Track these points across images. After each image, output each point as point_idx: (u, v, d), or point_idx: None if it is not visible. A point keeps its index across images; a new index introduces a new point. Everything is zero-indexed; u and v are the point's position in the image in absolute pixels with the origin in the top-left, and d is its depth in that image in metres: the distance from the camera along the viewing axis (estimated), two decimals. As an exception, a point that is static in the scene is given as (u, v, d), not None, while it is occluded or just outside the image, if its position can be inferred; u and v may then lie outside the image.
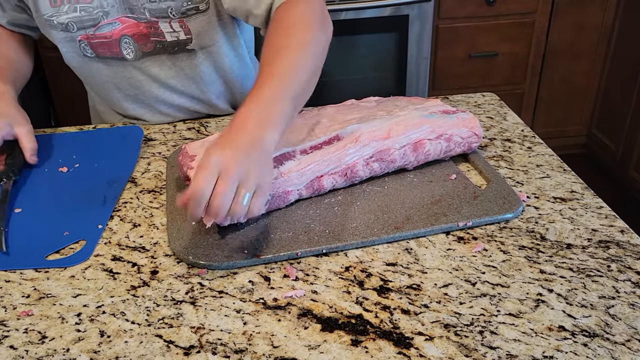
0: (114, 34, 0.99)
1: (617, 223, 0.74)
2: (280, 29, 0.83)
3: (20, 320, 0.63)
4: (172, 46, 1.01)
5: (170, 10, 0.96)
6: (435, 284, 0.65)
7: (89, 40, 1.00)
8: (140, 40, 1.00)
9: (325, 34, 0.86)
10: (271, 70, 0.76)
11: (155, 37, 1.00)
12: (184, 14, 0.97)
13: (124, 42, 0.99)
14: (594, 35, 2.33)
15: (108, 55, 1.02)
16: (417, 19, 2.18)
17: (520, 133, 0.97)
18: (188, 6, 0.97)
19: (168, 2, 0.96)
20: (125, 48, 1.00)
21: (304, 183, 0.78)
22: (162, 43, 1.00)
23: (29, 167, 0.91)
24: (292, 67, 0.77)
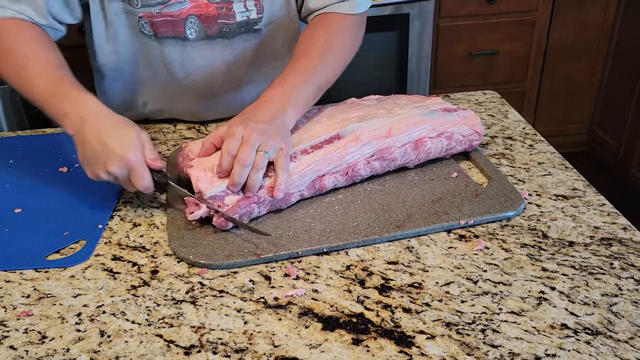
0: (182, 13, 0.94)
1: (620, 220, 0.74)
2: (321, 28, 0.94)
3: (20, 320, 0.62)
4: (239, 27, 0.98)
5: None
6: (436, 283, 0.65)
7: (151, 18, 0.94)
8: (206, 22, 0.95)
9: (356, 42, 1.00)
10: (301, 61, 0.88)
11: (223, 19, 0.96)
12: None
13: (189, 22, 0.95)
14: (595, 33, 2.33)
15: (169, 35, 0.96)
16: (417, 17, 2.18)
17: (522, 131, 0.97)
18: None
19: None
20: (189, 28, 0.96)
21: (305, 184, 0.78)
22: (229, 26, 0.96)
23: (29, 167, 0.91)
24: (319, 63, 0.88)
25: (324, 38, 0.92)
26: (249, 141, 0.74)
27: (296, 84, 0.84)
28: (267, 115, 0.78)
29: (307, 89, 0.85)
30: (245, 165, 0.73)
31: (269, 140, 0.75)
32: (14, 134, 1.04)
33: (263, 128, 0.76)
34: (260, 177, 0.74)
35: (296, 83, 0.84)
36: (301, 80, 0.85)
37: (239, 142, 0.75)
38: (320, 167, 0.78)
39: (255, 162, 0.74)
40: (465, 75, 2.35)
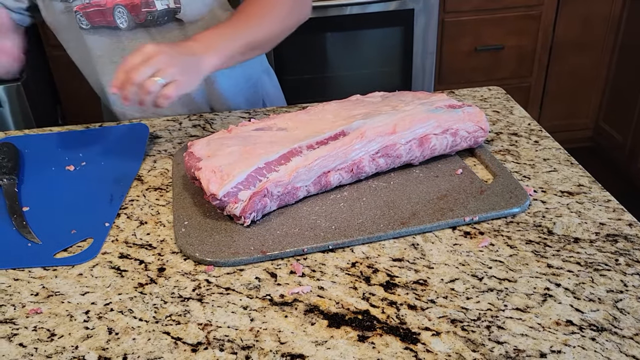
0: (108, 2, 1.00)
1: (625, 216, 0.74)
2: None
3: (29, 318, 0.63)
4: (161, 15, 1.02)
5: None
6: (441, 279, 0.65)
7: (84, 10, 1.01)
8: (133, 11, 1.01)
9: (297, 16, 1.02)
10: (237, 16, 0.93)
11: (146, 7, 1.00)
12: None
13: (117, 12, 1.00)
14: (601, 27, 2.32)
15: (103, 24, 1.02)
16: (422, 13, 2.17)
17: (527, 127, 0.97)
18: None
19: None
20: (119, 17, 1.01)
21: (312, 179, 0.78)
22: (152, 14, 1.01)
23: (36, 166, 0.92)
24: (255, 22, 0.93)
25: (265, 2, 0.96)
26: (149, 62, 0.78)
27: (226, 33, 0.89)
28: (185, 51, 0.83)
29: (236, 42, 0.89)
30: (133, 83, 0.78)
31: (170, 68, 0.79)
32: (21, 133, 1.05)
33: (173, 55, 0.80)
34: (148, 100, 0.79)
35: (226, 33, 0.89)
36: (232, 31, 0.90)
37: (138, 60, 0.79)
38: (325, 163, 0.78)
39: (144, 85, 0.78)
40: (470, 70, 2.35)
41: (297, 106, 1.09)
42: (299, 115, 0.88)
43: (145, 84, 0.78)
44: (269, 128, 0.85)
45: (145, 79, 0.78)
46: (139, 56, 0.79)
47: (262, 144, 0.80)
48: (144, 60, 0.79)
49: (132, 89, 0.79)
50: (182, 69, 0.81)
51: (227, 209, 0.74)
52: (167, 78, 0.79)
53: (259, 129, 0.85)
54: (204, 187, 0.75)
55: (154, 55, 0.79)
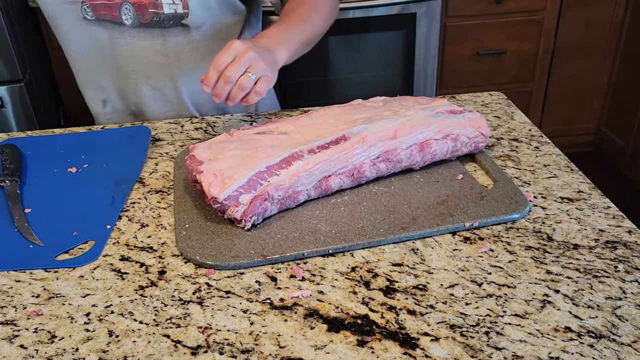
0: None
1: (625, 223, 0.74)
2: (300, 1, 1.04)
3: (30, 319, 0.63)
4: (167, 19, 1.03)
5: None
6: (441, 285, 0.66)
7: (92, 1, 1.02)
8: (140, 10, 1.02)
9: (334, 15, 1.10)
10: (291, 16, 1.00)
11: (153, 8, 1.01)
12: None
13: (124, 8, 1.02)
14: (604, 32, 2.32)
15: (108, 18, 1.03)
16: (424, 17, 2.18)
17: (528, 132, 0.97)
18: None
19: None
20: (125, 13, 1.02)
21: (312, 183, 0.78)
22: (159, 16, 1.02)
23: (38, 168, 0.92)
24: (306, 19, 1.00)
25: (308, 1, 1.03)
26: (241, 59, 0.82)
27: (289, 31, 0.96)
28: (264, 47, 0.87)
29: (297, 38, 0.96)
30: (229, 82, 0.82)
31: (260, 63, 0.83)
32: (24, 134, 1.05)
33: (258, 52, 0.84)
34: (241, 96, 0.83)
35: (289, 30, 0.96)
36: (292, 29, 0.97)
37: (229, 58, 0.82)
38: (326, 167, 0.79)
39: (240, 81, 0.82)
40: (472, 74, 2.35)
41: (298, 110, 1.10)
42: (301, 120, 0.88)
43: (241, 80, 0.82)
44: (270, 132, 0.85)
45: (239, 76, 0.82)
46: (230, 53, 0.82)
47: (263, 147, 0.80)
48: (236, 58, 0.82)
49: (226, 87, 0.82)
50: (268, 64, 0.85)
51: (227, 213, 0.74)
52: (258, 74, 0.83)
53: (261, 132, 0.85)
54: (205, 191, 0.75)
55: (244, 52, 0.82)
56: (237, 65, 0.82)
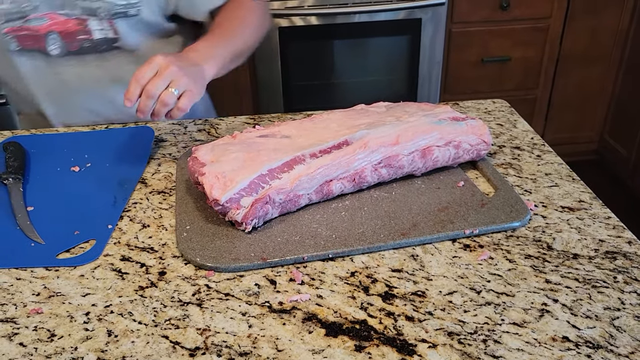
0: (41, 29, 1.00)
1: (625, 234, 0.74)
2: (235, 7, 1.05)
3: (30, 318, 0.64)
4: (101, 44, 1.03)
5: (100, 11, 1.00)
6: (440, 292, 0.66)
7: (15, 32, 1.01)
8: (67, 38, 1.02)
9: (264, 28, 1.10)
10: (221, 28, 1.00)
11: (83, 34, 1.02)
12: (113, 15, 1.01)
13: (50, 38, 1.01)
14: (609, 40, 2.32)
15: (35, 48, 1.03)
16: (430, 22, 2.18)
17: (530, 141, 0.97)
18: (118, 9, 1.00)
19: (99, 2, 0.99)
20: (52, 44, 1.02)
21: (314, 187, 0.78)
22: (90, 41, 1.02)
23: (41, 166, 0.93)
24: (237, 32, 1.00)
25: (239, 14, 1.04)
26: (162, 74, 0.81)
27: (218, 44, 0.95)
28: (190, 61, 0.87)
29: (226, 51, 0.96)
30: (150, 96, 0.81)
31: (182, 77, 0.82)
32: (28, 132, 1.06)
33: (181, 66, 0.83)
34: (164, 112, 0.83)
35: (218, 44, 0.95)
36: (221, 42, 0.96)
37: (151, 73, 0.81)
38: (328, 171, 0.79)
39: (162, 97, 0.81)
40: (476, 81, 2.35)
41: (302, 113, 1.10)
42: (304, 123, 0.88)
43: (162, 96, 0.81)
44: (273, 135, 0.85)
45: (161, 91, 0.81)
46: (151, 68, 0.81)
47: (265, 151, 0.81)
48: (157, 73, 0.81)
49: (148, 102, 0.81)
50: (192, 79, 0.84)
51: (229, 215, 0.74)
52: (180, 89, 0.82)
53: (264, 135, 0.86)
54: (207, 193, 0.75)
55: (165, 67, 0.81)
56: (159, 81, 0.81)
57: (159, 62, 0.82)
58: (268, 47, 2.18)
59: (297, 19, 2.14)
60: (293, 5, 2.12)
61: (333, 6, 2.13)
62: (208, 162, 0.79)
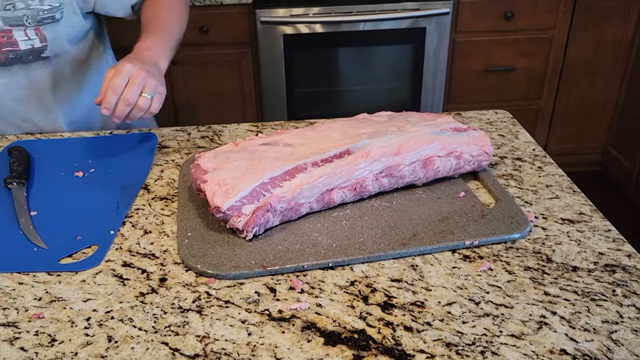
0: None
1: (625, 247, 0.74)
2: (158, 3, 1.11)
3: (32, 322, 0.64)
4: (26, 55, 1.03)
5: (25, 19, 1.00)
6: (439, 302, 0.66)
7: None
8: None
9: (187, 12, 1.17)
10: (157, 21, 1.06)
11: (8, 47, 1.01)
12: (40, 22, 1.01)
13: None
14: (613, 52, 2.32)
15: None
16: (434, 31, 2.19)
17: (532, 152, 0.97)
18: (44, 15, 1.01)
19: (24, 10, 0.99)
20: None
21: (315, 196, 0.79)
22: (16, 52, 1.03)
23: (45, 171, 0.94)
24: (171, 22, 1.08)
25: (166, 5, 1.10)
26: (135, 81, 0.88)
27: (162, 38, 1.02)
28: (149, 60, 0.93)
29: (171, 44, 1.03)
30: (129, 104, 0.88)
31: (152, 81, 0.90)
32: (33, 137, 1.07)
33: (148, 69, 0.90)
34: (139, 115, 0.90)
35: (162, 37, 1.02)
36: (165, 35, 1.03)
37: (124, 81, 0.87)
38: (329, 180, 0.79)
39: (139, 103, 0.88)
40: (480, 90, 2.36)
41: (305, 121, 1.11)
42: (306, 132, 0.89)
43: (139, 102, 0.88)
44: (275, 143, 0.86)
45: (136, 98, 0.88)
46: (124, 77, 0.88)
47: (267, 159, 0.81)
48: (130, 79, 0.88)
49: (126, 109, 0.88)
50: (159, 80, 0.92)
51: (230, 222, 0.75)
52: (152, 92, 0.90)
53: (266, 143, 0.86)
54: (209, 200, 0.76)
55: (137, 73, 0.88)
56: (134, 88, 0.87)
57: (129, 69, 0.88)
58: (273, 54, 2.19)
59: (302, 27, 2.16)
60: (298, 13, 2.13)
61: (338, 14, 2.14)
62: (210, 169, 0.80)
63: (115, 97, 0.87)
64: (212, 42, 2.18)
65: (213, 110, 2.32)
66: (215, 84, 2.26)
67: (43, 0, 1.00)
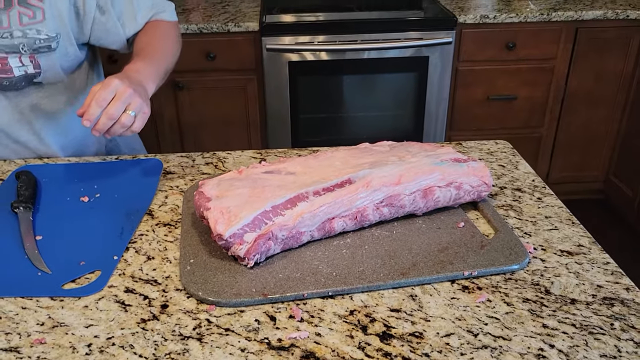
0: None
1: (623, 280, 0.75)
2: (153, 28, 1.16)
3: (33, 347, 0.65)
4: (19, 81, 1.06)
5: (22, 47, 1.03)
6: (437, 333, 0.66)
7: None
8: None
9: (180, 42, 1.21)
10: (149, 48, 1.09)
11: (2, 74, 1.04)
12: (36, 50, 1.04)
13: None
14: (614, 83, 2.35)
15: None
16: (437, 60, 2.22)
17: (531, 183, 0.98)
18: (41, 44, 1.04)
19: (20, 38, 1.02)
20: None
21: (316, 224, 0.80)
22: (10, 80, 1.05)
23: (52, 195, 0.95)
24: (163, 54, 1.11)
25: (159, 35, 1.14)
26: (121, 97, 0.89)
27: (152, 63, 1.05)
28: (136, 81, 0.96)
29: (160, 70, 1.06)
30: (111, 119, 0.89)
31: (138, 100, 0.91)
32: (41, 162, 1.09)
33: (135, 88, 0.92)
34: (120, 132, 0.91)
35: (152, 63, 1.05)
36: (155, 61, 1.06)
37: (111, 95, 0.89)
38: (330, 209, 0.81)
39: (121, 120, 0.90)
40: (482, 118, 2.38)
41: (307, 149, 1.12)
42: (308, 161, 0.90)
43: (122, 119, 0.90)
44: (278, 172, 0.87)
45: (120, 113, 0.89)
46: (110, 91, 0.89)
47: (270, 187, 0.82)
48: (116, 95, 0.89)
49: (108, 123, 0.90)
50: (144, 100, 0.94)
51: (231, 250, 0.76)
52: (136, 110, 0.92)
53: (269, 172, 0.88)
54: (211, 227, 0.77)
55: (123, 90, 0.90)
56: (119, 103, 0.89)
57: (116, 85, 0.90)
58: (278, 81, 2.22)
59: (307, 54, 2.19)
60: (304, 41, 2.17)
61: (343, 43, 2.18)
62: (214, 196, 0.81)
63: (99, 109, 0.89)
64: (218, 68, 2.21)
65: (218, 135, 2.34)
66: (221, 109, 2.29)
67: (40, 30, 1.03)
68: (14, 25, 1.01)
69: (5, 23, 1.00)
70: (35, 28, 1.02)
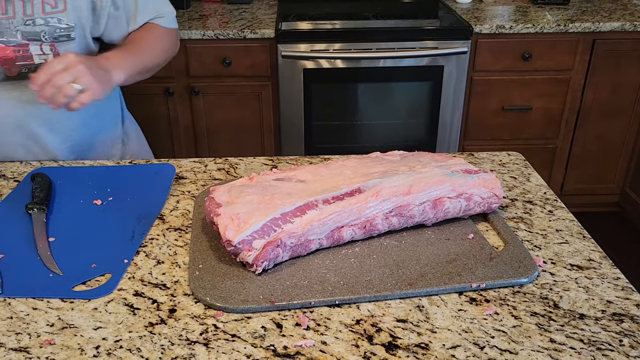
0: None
1: (634, 296, 0.74)
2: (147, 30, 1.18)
3: (43, 348, 0.66)
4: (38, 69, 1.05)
5: (43, 34, 1.06)
6: (443, 345, 0.66)
7: None
8: (6, 64, 1.07)
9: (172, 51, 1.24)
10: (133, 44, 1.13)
11: (22, 60, 1.07)
12: (56, 39, 1.07)
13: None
14: (630, 95, 2.32)
15: None
16: (452, 69, 2.22)
17: (543, 195, 0.98)
18: (61, 32, 1.07)
19: (42, 26, 1.05)
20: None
21: (325, 232, 0.80)
22: (29, 67, 1.07)
23: (66, 198, 0.96)
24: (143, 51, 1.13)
25: (148, 36, 1.17)
26: (70, 69, 0.91)
27: (129, 56, 1.08)
28: (99, 64, 0.98)
29: (134, 63, 1.08)
30: (54, 87, 0.90)
31: (87, 76, 0.92)
32: (56, 164, 1.10)
33: (90, 67, 0.93)
34: (62, 101, 0.92)
35: (127, 55, 1.08)
36: (132, 54, 1.09)
37: (60, 66, 0.91)
38: (339, 218, 0.81)
39: (64, 89, 0.90)
40: (497, 128, 2.36)
41: (319, 157, 1.13)
42: (319, 169, 0.91)
43: (64, 88, 0.91)
44: (288, 179, 0.88)
45: (64, 84, 0.90)
46: (61, 62, 0.91)
47: (280, 194, 0.83)
48: (65, 67, 0.91)
49: (51, 90, 0.90)
50: (97, 79, 0.94)
51: (240, 256, 0.76)
52: (84, 85, 0.92)
53: (279, 179, 0.88)
54: (221, 233, 0.77)
55: (74, 64, 0.91)
56: (65, 75, 0.90)
57: (69, 59, 0.92)
58: (293, 87, 2.23)
59: (323, 62, 2.20)
60: (320, 49, 2.18)
61: (358, 51, 2.18)
62: (224, 202, 0.82)
63: (46, 76, 0.91)
64: (234, 73, 2.23)
65: (232, 140, 2.36)
66: (235, 114, 2.31)
67: (61, 19, 1.06)
68: (37, 13, 1.04)
69: (29, 10, 1.04)
70: (56, 17, 1.06)
